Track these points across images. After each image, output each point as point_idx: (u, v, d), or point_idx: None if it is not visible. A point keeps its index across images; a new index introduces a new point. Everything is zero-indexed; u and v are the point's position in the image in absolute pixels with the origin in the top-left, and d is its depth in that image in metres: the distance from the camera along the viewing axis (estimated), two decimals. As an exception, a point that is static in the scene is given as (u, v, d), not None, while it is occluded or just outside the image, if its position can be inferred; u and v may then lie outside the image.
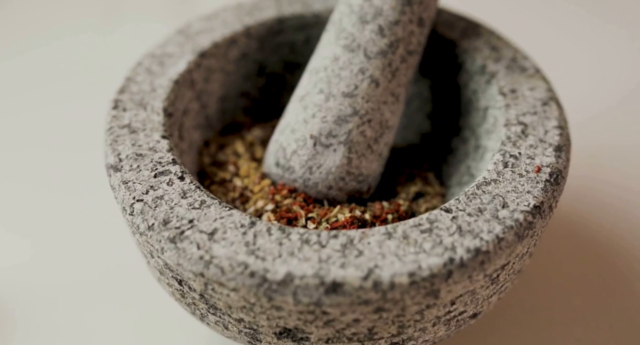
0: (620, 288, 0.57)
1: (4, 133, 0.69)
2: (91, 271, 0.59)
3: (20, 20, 0.79)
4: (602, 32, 0.77)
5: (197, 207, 0.44)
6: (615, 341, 0.53)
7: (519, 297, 0.56)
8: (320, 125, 0.50)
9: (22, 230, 0.62)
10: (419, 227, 0.43)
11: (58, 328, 0.56)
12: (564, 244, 0.60)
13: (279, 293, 0.41)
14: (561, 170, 0.46)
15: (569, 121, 0.61)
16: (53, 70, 0.75)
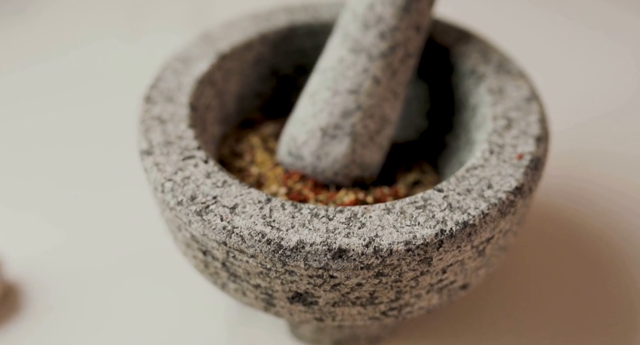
0: (599, 274, 0.63)
1: (35, 130, 0.76)
2: (119, 254, 0.65)
3: (53, 27, 0.86)
4: (593, 41, 0.83)
5: (219, 186, 0.51)
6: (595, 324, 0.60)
7: (509, 280, 0.63)
8: (327, 118, 0.56)
9: (56, 219, 0.68)
10: (414, 203, 0.50)
11: (89, 306, 0.62)
12: (553, 236, 0.66)
13: (292, 258, 0.48)
14: (540, 157, 0.53)
15: (563, 124, 0.68)
16: (81, 73, 0.82)
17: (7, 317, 0.61)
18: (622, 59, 0.82)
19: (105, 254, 0.65)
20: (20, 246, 0.65)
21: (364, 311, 0.51)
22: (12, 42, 0.86)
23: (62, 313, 0.61)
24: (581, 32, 0.86)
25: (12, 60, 0.84)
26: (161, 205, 0.52)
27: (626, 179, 0.70)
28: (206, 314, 0.61)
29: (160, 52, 0.75)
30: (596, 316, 0.60)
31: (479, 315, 0.61)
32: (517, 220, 0.52)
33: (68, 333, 0.59)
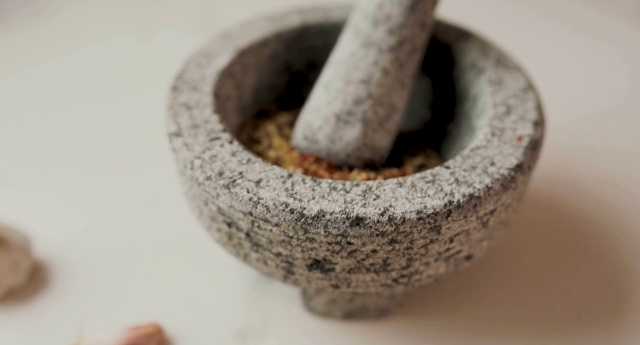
0: (589, 252, 0.68)
1: (61, 117, 0.80)
2: (140, 236, 0.70)
3: (69, 27, 0.91)
4: (585, 45, 0.89)
5: (244, 163, 0.56)
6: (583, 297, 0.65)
7: (508, 260, 0.68)
8: (341, 105, 0.61)
9: (82, 203, 0.72)
10: (424, 179, 0.55)
11: (111, 283, 0.66)
12: (547, 219, 0.71)
13: (313, 226, 0.52)
14: (537, 139, 0.58)
15: (557, 121, 0.73)
16: (96, 68, 0.87)
17: (35, 291, 0.65)
18: (614, 62, 0.88)
19: (127, 236, 0.70)
20: (48, 228, 0.69)
21: (377, 278, 0.56)
22: (33, 40, 0.91)
23: (86, 289, 0.65)
24: (574, 36, 0.91)
25: (32, 57, 0.88)
26: (189, 182, 0.56)
27: (614, 170, 0.75)
28: (224, 289, 0.66)
29: (171, 49, 0.80)
30: (586, 292, 0.65)
31: (479, 290, 0.65)
32: (517, 196, 0.57)
33: (91, 307, 0.64)
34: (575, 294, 0.65)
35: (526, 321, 0.63)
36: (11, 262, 0.63)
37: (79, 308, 0.64)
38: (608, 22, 0.95)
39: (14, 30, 0.92)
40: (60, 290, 0.65)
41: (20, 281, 0.65)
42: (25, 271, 0.65)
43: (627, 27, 0.94)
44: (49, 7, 0.96)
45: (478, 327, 0.63)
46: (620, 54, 0.91)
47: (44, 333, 0.62)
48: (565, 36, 0.92)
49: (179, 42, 0.86)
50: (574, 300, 0.64)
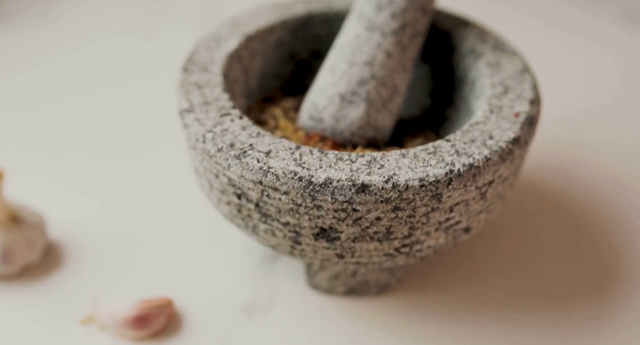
0: (581, 235, 0.71)
1: (72, 111, 0.83)
2: (148, 219, 0.72)
3: (74, 27, 0.94)
4: (589, 37, 0.92)
5: (254, 136, 0.58)
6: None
7: (503, 241, 0.70)
8: (345, 86, 0.64)
9: (92, 189, 0.75)
10: (426, 150, 0.57)
11: (121, 264, 0.69)
12: (539, 205, 0.74)
13: (320, 193, 0.55)
14: (534, 116, 0.61)
15: (552, 115, 0.76)
16: (102, 66, 0.89)
17: (50, 268, 0.67)
18: (604, 62, 0.92)
19: (138, 218, 0.72)
20: (61, 211, 0.71)
21: (380, 247, 0.58)
22: (41, 39, 0.93)
23: (98, 267, 0.68)
24: (566, 36, 0.95)
25: (41, 55, 0.91)
26: (200, 157, 0.59)
27: (605, 161, 0.78)
28: (232, 267, 0.68)
29: (175, 48, 0.84)
30: (577, 270, 0.68)
31: (475, 268, 0.68)
32: (514, 170, 0.60)
33: (103, 283, 0.66)
34: (567, 272, 0.67)
35: (520, 297, 0.66)
36: (27, 239, 0.66)
37: (92, 284, 0.66)
38: (598, 24, 0.98)
39: (21, 30, 0.94)
40: (73, 268, 0.67)
41: (35, 258, 0.67)
42: (40, 249, 0.67)
43: (615, 28, 0.97)
44: (55, 8, 0.98)
45: (475, 302, 0.65)
46: (610, 54, 0.94)
47: (59, 307, 0.64)
48: (558, 37, 0.95)
49: (182, 40, 0.88)
50: (566, 277, 0.67)
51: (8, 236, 0.65)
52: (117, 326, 0.62)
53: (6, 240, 0.65)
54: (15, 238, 0.65)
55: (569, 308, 0.65)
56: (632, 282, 0.67)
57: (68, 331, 0.63)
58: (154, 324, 0.62)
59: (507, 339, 0.63)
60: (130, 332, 0.62)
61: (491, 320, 0.64)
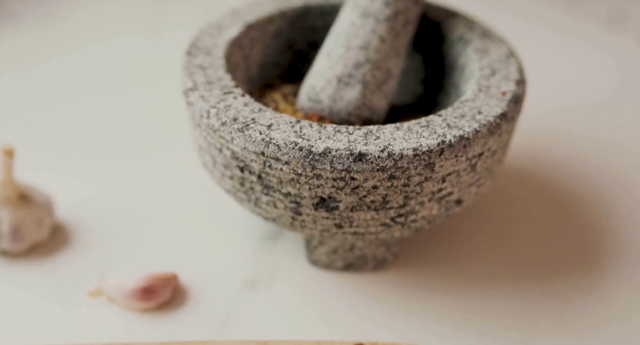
0: (567, 214, 0.74)
1: (79, 105, 0.87)
2: (152, 200, 0.75)
3: (78, 28, 0.98)
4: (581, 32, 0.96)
5: (256, 112, 0.62)
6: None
7: (493, 220, 0.74)
8: (342, 69, 0.67)
9: (96, 171, 0.78)
10: (419, 124, 0.61)
11: (126, 243, 0.72)
12: (528, 189, 0.77)
13: (320, 162, 0.58)
14: (520, 95, 0.64)
15: (542, 109, 0.80)
16: (111, 62, 0.93)
17: (57, 247, 0.70)
18: (589, 62, 0.96)
19: (142, 199, 0.75)
20: (67, 194, 0.74)
21: (377, 216, 0.61)
22: (46, 39, 0.97)
23: (104, 245, 0.70)
24: (554, 38, 0.99)
25: (47, 54, 0.95)
26: (204, 132, 0.62)
27: (590, 152, 0.82)
28: (235, 245, 0.71)
29: (176, 47, 0.87)
30: (563, 245, 0.72)
31: (467, 245, 0.71)
32: (502, 145, 0.63)
33: (110, 260, 0.69)
34: (553, 249, 0.71)
35: (510, 271, 0.69)
36: (36, 218, 0.68)
37: (98, 261, 0.69)
38: (584, 25, 1.03)
39: (26, 30, 0.98)
40: (80, 247, 0.70)
41: (43, 237, 0.69)
42: (48, 228, 0.70)
43: (600, 30, 1.02)
44: (59, 9, 1.02)
45: (466, 276, 0.68)
46: (595, 53, 0.98)
47: (67, 282, 0.67)
48: (547, 37, 0.99)
49: (182, 40, 0.92)
50: (553, 253, 0.71)
51: (18, 214, 0.68)
52: (125, 298, 0.64)
53: (16, 218, 0.67)
54: (24, 216, 0.68)
55: (556, 280, 0.68)
56: (615, 256, 0.70)
57: (76, 304, 0.65)
58: (160, 296, 0.65)
59: (498, 310, 0.66)
60: (137, 304, 0.64)
61: (482, 293, 0.67)
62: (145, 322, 0.64)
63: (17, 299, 0.66)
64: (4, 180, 0.67)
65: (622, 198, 0.76)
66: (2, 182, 0.67)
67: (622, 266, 0.70)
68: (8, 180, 0.67)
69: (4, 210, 0.67)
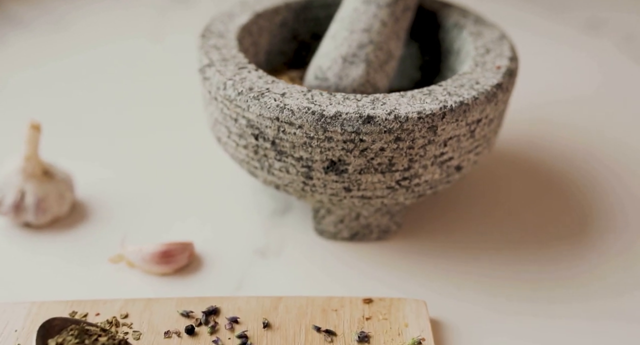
0: (558, 191, 0.79)
1: (93, 98, 0.92)
2: (165, 180, 0.80)
3: (86, 33, 1.03)
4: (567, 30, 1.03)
5: (270, 83, 0.66)
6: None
7: (489, 194, 0.78)
8: (347, 49, 0.72)
9: (114, 155, 0.83)
10: (422, 92, 0.65)
11: (140, 219, 0.75)
12: (525, 168, 0.82)
13: (331, 124, 0.63)
14: (513, 69, 0.69)
15: (532, 101, 0.86)
16: (119, 63, 0.98)
17: (78, 220, 0.74)
18: (569, 63, 1.03)
19: (155, 182, 0.79)
20: (85, 175, 0.78)
21: (383, 179, 0.66)
22: (55, 43, 1.02)
23: (123, 219, 0.74)
24: (535, 41, 1.05)
25: (55, 56, 1.00)
26: (221, 103, 0.67)
27: (574, 137, 0.88)
28: (246, 218, 0.75)
29: (179, 50, 0.95)
30: (554, 216, 0.77)
31: (464, 216, 0.76)
32: (498, 114, 0.68)
33: (129, 231, 0.73)
34: (544, 219, 0.76)
35: (504, 240, 0.73)
36: (58, 192, 0.72)
37: (117, 233, 0.72)
38: (565, 31, 1.10)
39: (38, 34, 1.04)
40: (99, 220, 0.74)
41: (65, 211, 0.73)
42: (69, 203, 0.74)
43: (579, 34, 1.09)
44: (67, 17, 1.07)
45: (464, 245, 0.73)
46: (575, 54, 1.05)
47: (88, 251, 0.71)
48: (533, 42, 1.05)
49: (185, 43, 0.98)
50: (543, 223, 0.75)
51: (41, 188, 0.72)
52: (144, 262, 0.68)
53: (40, 191, 0.71)
54: (47, 190, 0.72)
55: (547, 247, 0.73)
56: (603, 225, 0.76)
57: (98, 269, 0.69)
58: (177, 261, 0.69)
59: (495, 271, 0.70)
60: (156, 268, 0.68)
61: (480, 258, 0.71)
62: (164, 285, 0.68)
63: (42, 264, 0.70)
64: (29, 155, 0.71)
65: (606, 177, 0.82)
66: (27, 157, 0.71)
67: (610, 235, 0.75)
68: (33, 155, 0.71)
69: (28, 184, 0.71)
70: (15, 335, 0.59)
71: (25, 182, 0.71)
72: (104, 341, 0.56)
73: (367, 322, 0.63)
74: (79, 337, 0.56)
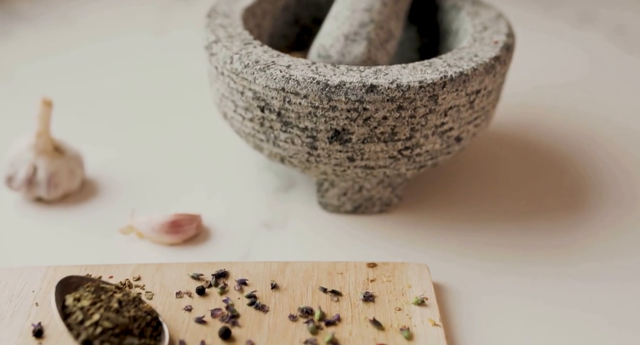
0: (553, 167, 0.82)
1: (100, 86, 0.94)
2: (172, 158, 0.82)
3: (92, 28, 1.06)
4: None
5: (275, 57, 0.68)
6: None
7: (487, 170, 0.81)
8: (348, 28, 0.75)
9: (109, 139, 0.85)
10: (422, 64, 0.68)
11: (148, 197, 0.77)
12: (522, 147, 0.85)
13: (335, 93, 0.65)
14: (510, 44, 0.72)
15: (526, 86, 0.88)
16: (123, 56, 1.01)
17: (88, 196, 0.76)
18: (562, 53, 1.07)
19: (162, 162, 0.82)
20: (93, 156, 0.81)
21: (386, 148, 0.68)
22: (61, 37, 1.05)
23: (133, 194, 0.77)
24: (531, 35, 1.08)
25: (61, 49, 1.03)
26: (228, 78, 0.69)
27: (566, 119, 0.91)
28: (250, 196, 0.77)
29: (181, 44, 0.99)
30: (550, 190, 0.79)
31: (464, 190, 0.78)
32: (496, 86, 0.71)
33: (138, 205, 0.75)
34: (540, 193, 0.78)
35: (502, 212, 0.76)
36: (69, 168, 0.74)
37: (126, 208, 0.74)
38: (558, 25, 1.13)
39: (43, 29, 1.06)
40: (109, 196, 0.76)
41: (75, 187, 0.75)
42: (79, 179, 0.76)
43: (571, 28, 1.12)
44: (71, 13, 1.10)
45: (462, 217, 0.75)
46: (567, 46, 1.08)
47: (99, 223, 0.73)
48: (528, 35, 1.07)
49: (187, 38, 1.01)
50: (539, 197, 0.78)
51: (53, 163, 0.74)
52: (154, 232, 0.70)
53: (51, 167, 0.73)
54: (59, 166, 0.74)
55: (544, 218, 0.75)
56: (596, 198, 0.78)
57: (109, 240, 0.71)
58: (186, 231, 0.71)
59: (494, 239, 0.72)
60: (165, 237, 0.70)
61: (478, 230, 0.74)
62: (173, 254, 0.70)
63: (54, 235, 0.72)
64: (41, 131, 0.73)
65: (597, 153, 0.85)
66: (39, 133, 0.73)
67: (603, 206, 0.77)
68: (45, 131, 0.73)
69: (40, 159, 0.73)
70: (33, 295, 0.61)
71: (37, 158, 0.73)
72: (119, 297, 0.58)
73: (371, 284, 0.65)
74: (95, 292, 0.58)
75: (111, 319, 0.56)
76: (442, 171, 0.80)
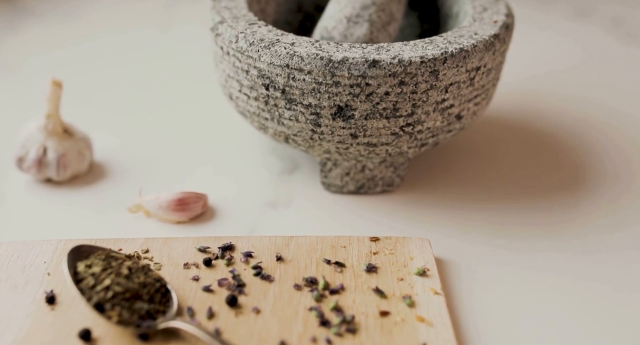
0: (551, 150, 0.83)
1: (107, 76, 0.96)
2: (178, 144, 0.83)
3: (98, 24, 1.08)
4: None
5: (279, 35, 0.70)
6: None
7: (486, 153, 0.82)
8: (350, 10, 0.77)
9: (115, 127, 0.86)
10: (423, 41, 0.70)
11: (162, 173, 0.79)
12: (521, 131, 0.87)
13: (339, 69, 0.67)
14: (509, 23, 0.74)
15: (524, 74, 0.90)
16: (129, 50, 1.03)
17: (96, 177, 0.78)
18: (559, 46, 1.10)
19: (168, 146, 0.83)
20: (100, 141, 0.82)
21: (388, 124, 0.69)
22: (69, 32, 1.08)
23: (140, 176, 0.78)
24: (528, 28, 1.10)
25: (68, 43, 1.05)
26: (233, 57, 0.70)
27: (563, 104, 0.93)
28: (255, 178, 0.79)
29: (184, 39, 1.03)
30: (548, 171, 0.81)
31: (465, 172, 0.80)
32: (496, 65, 0.72)
33: (145, 186, 0.76)
34: (538, 174, 0.80)
35: (502, 193, 0.77)
36: (78, 150, 0.76)
37: (134, 188, 0.76)
38: (555, 19, 1.16)
39: (51, 24, 1.09)
40: (117, 177, 0.78)
41: (84, 169, 0.77)
42: (88, 161, 0.77)
43: (568, 22, 1.15)
44: (78, 9, 1.12)
45: (464, 196, 0.76)
46: (564, 39, 1.11)
47: (108, 202, 0.74)
48: (526, 29, 1.09)
49: (190, 34, 1.03)
50: (538, 178, 0.79)
51: (62, 144, 0.75)
52: (161, 209, 0.72)
53: (60, 148, 0.75)
54: (68, 147, 0.75)
55: (543, 197, 0.77)
56: (594, 179, 0.80)
57: (117, 219, 0.72)
58: (192, 209, 0.72)
59: (494, 217, 0.74)
60: (172, 215, 0.72)
61: (478, 209, 0.75)
62: (180, 231, 0.71)
63: (64, 214, 0.73)
64: (50, 113, 0.75)
65: (594, 136, 0.87)
66: (48, 114, 0.75)
67: (601, 187, 0.79)
68: (54, 112, 0.75)
69: (49, 140, 0.75)
70: (45, 265, 0.63)
71: (46, 139, 0.74)
72: (129, 265, 0.59)
73: (374, 256, 0.66)
74: (105, 260, 0.59)
75: (122, 284, 0.57)
76: (443, 153, 0.81)
